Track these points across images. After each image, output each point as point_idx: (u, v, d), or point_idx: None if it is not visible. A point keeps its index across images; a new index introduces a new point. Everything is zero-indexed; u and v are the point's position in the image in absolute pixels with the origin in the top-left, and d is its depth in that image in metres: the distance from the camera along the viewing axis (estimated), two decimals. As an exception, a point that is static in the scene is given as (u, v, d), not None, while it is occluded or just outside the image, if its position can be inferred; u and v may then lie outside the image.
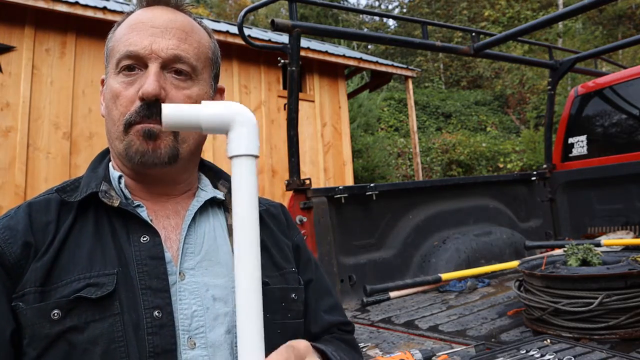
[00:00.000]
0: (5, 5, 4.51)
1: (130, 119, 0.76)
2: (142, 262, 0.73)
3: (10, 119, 4.59)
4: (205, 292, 0.76)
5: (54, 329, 0.66)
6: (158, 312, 0.70)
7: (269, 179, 6.34)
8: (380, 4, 27.57)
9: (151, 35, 0.78)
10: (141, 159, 0.77)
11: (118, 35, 0.81)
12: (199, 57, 0.82)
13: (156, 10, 0.82)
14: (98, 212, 0.77)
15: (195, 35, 0.83)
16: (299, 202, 2.52)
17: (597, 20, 18.70)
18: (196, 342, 0.72)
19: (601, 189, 3.54)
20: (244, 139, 0.59)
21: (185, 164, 0.84)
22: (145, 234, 0.75)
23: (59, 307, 0.67)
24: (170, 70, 0.79)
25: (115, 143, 0.80)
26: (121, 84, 0.78)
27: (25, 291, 0.68)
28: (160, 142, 0.77)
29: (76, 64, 5.03)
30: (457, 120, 17.04)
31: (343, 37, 3.97)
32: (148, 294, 0.71)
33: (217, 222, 0.86)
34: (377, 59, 8.01)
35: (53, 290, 0.69)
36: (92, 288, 0.69)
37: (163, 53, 0.77)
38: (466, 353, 1.62)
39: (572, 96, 3.93)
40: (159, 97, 0.76)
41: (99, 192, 0.76)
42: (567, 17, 3.51)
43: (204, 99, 0.82)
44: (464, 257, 2.99)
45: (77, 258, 0.72)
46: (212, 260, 0.80)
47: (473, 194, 3.45)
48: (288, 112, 2.63)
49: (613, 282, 1.68)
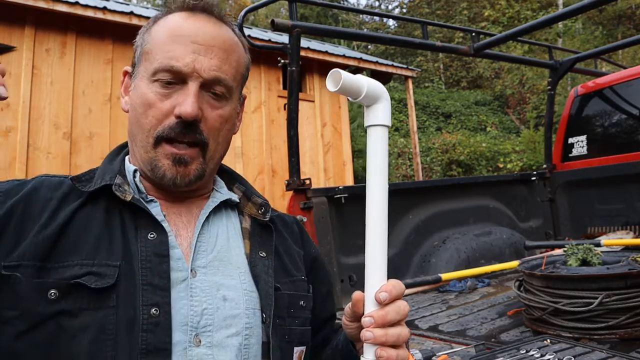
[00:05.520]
0: (5, 5, 4.51)
1: (163, 134, 0.77)
2: (147, 258, 0.73)
3: (10, 119, 4.59)
4: (216, 292, 0.76)
5: (48, 309, 0.66)
6: (155, 310, 0.69)
7: (269, 179, 6.34)
8: (380, 4, 27.58)
9: (194, 52, 0.77)
10: (168, 182, 0.79)
11: (157, 38, 0.80)
12: (236, 77, 0.83)
13: (199, 20, 0.80)
14: (109, 203, 0.77)
15: (235, 54, 0.83)
16: (299, 202, 2.52)
17: (597, 20, 18.70)
18: (202, 340, 0.72)
19: (601, 189, 3.54)
20: (387, 111, 0.73)
21: (208, 177, 0.85)
22: (153, 231, 0.75)
23: (56, 287, 0.67)
24: (208, 90, 0.79)
25: (140, 151, 0.80)
26: (156, 94, 0.77)
27: (24, 263, 0.68)
28: (190, 167, 0.78)
29: (76, 64, 5.03)
30: (457, 120, 17.03)
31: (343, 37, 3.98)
32: (148, 291, 0.70)
33: (231, 224, 0.86)
34: (377, 59, 8.01)
35: (53, 269, 0.68)
36: (93, 277, 0.68)
37: (205, 74, 0.77)
38: (466, 353, 1.62)
39: (572, 96, 3.93)
40: (197, 118, 0.76)
41: (112, 185, 0.76)
42: (567, 17, 3.51)
43: (232, 116, 0.85)
44: (464, 257, 2.99)
45: (82, 242, 0.72)
46: (223, 261, 0.80)
47: (473, 194, 3.45)
48: (288, 112, 2.63)
49: (613, 282, 1.68)
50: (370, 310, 0.68)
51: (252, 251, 0.84)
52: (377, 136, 0.72)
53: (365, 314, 0.69)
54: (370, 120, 0.73)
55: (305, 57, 6.43)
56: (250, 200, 0.90)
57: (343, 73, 0.68)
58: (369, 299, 0.69)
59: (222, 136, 0.83)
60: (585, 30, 17.88)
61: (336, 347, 0.86)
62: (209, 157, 0.81)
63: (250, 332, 0.76)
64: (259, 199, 0.90)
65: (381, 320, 0.67)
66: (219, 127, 0.81)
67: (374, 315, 0.67)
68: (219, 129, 0.81)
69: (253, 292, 0.79)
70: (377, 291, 0.68)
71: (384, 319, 0.67)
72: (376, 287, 0.69)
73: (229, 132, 0.85)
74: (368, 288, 0.69)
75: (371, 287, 0.69)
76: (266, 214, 0.88)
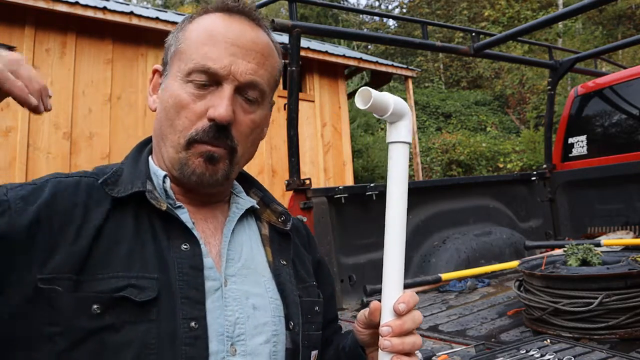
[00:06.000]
0: (5, 5, 4.51)
1: (196, 137, 0.75)
2: (183, 270, 0.71)
3: (10, 119, 4.60)
4: (245, 300, 0.76)
5: (91, 324, 0.64)
6: (195, 323, 0.69)
7: (269, 179, 6.34)
8: (380, 4, 27.58)
9: (232, 54, 0.76)
10: (197, 180, 0.77)
11: (192, 38, 0.78)
12: (269, 83, 0.82)
13: (236, 22, 0.79)
14: (138, 209, 0.74)
15: (271, 59, 0.82)
16: (299, 202, 2.52)
17: (597, 20, 18.69)
18: (237, 349, 0.72)
19: (601, 189, 3.54)
20: (409, 129, 0.76)
21: (232, 182, 0.86)
22: (186, 242, 0.74)
23: (99, 301, 0.65)
24: (242, 94, 0.78)
25: (170, 151, 0.78)
26: (190, 95, 0.76)
27: (61, 276, 0.65)
28: (219, 166, 0.77)
29: (76, 64, 5.03)
30: (457, 120, 17.03)
31: (343, 37, 3.98)
32: (186, 304, 0.69)
33: (251, 231, 0.86)
34: (377, 59, 8.01)
35: (87, 282, 0.66)
36: (134, 290, 0.67)
37: (241, 77, 0.76)
38: (466, 353, 1.61)
39: (572, 96, 3.93)
40: (230, 122, 0.75)
41: (146, 192, 0.74)
42: (567, 17, 3.51)
43: (263, 121, 0.84)
44: (464, 257, 2.99)
45: (115, 254, 0.69)
46: (250, 269, 0.80)
47: (473, 194, 3.45)
48: (288, 112, 2.63)
49: (613, 282, 1.68)
50: (387, 320, 0.71)
51: (274, 259, 0.84)
52: (399, 153, 0.75)
53: (383, 323, 0.71)
54: (392, 137, 0.75)
55: (305, 57, 6.42)
56: (269, 208, 0.90)
57: (373, 92, 0.70)
58: (387, 308, 0.72)
59: (251, 141, 0.82)
60: (585, 30, 17.88)
61: (342, 350, 0.87)
62: (235, 161, 0.80)
63: (277, 339, 0.78)
64: (279, 207, 0.90)
65: (399, 329, 0.70)
66: (250, 132, 0.80)
67: (392, 325, 0.70)
68: (249, 134, 0.80)
69: (277, 300, 0.80)
70: (395, 302, 0.71)
71: (402, 328, 0.70)
72: (393, 297, 0.72)
73: (258, 137, 0.84)
74: (385, 298, 0.73)
75: (389, 298, 0.72)
76: (287, 223, 0.88)
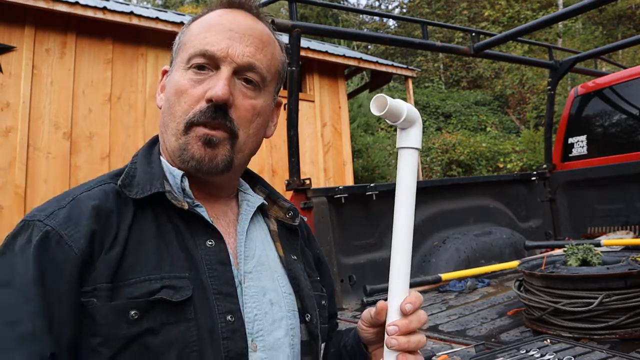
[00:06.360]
0: (5, 5, 4.51)
1: (194, 119, 0.75)
2: (212, 267, 0.73)
3: (10, 119, 4.59)
4: (262, 297, 0.77)
5: (131, 330, 0.65)
6: (231, 317, 0.70)
7: (269, 179, 6.34)
8: (380, 4, 27.57)
9: (229, 38, 0.77)
10: (196, 165, 0.76)
11: (194, 31, 0.80)
12: (270, 69, 0.82)
13: (237, 14, 0.81)
14: (156, 209, 0.74)
15: (270, 46, 0.83)
16: (299, 202, 2.52)
17: (597, 20, 18.69)
18: (257, 345, 0.73)
19: (601, 189, 3.54)
20: (419, 135, 0.78)
21: (237, 172, 0.85)
22: (210, 238, 0.75)
23: (136, 307, 0.65)
24: (241, 77, 0.78)
25: (171, 139, 0.78)
26: (189, 81, 0.77)
27: (97, 286, 0.65)
28: (218, 150, 0.76)
29: (76, 64, 5.03)
30: (457, 120, 17.03)
31: (343, 37, 3.98)
32: (220, 299, 0.71)
33: (261, 228, 0.87)
34: (377, 59, 8.01)
35: (121, 289, 0.66)
36: (170, 290, 0.67)
37: (238, 59, 0.77)
38: (466, 353, 1.62)
39: (572, 96, 3.93)
40: (227, 102, 0.75)
41: (165, 193, 0.74)
42: (567, 17, 3.51)
43: (265, 110, 0.83)
44: (464, 257, 2.99)
45: (144, 257, 0.69)
46: (264, 265, 0.81)
47: (473, 194, 3.45)
48: (288, 112, 2.63)
49: (613, 282, 1.68)
50: (393, 319, 0.74)
51: (285, 254, 0.85)
52: (409, 158, 0.76)
53: (389, 322, 0.73)
54: (402, 142, 0.77)
55: (305, 57, 6.42)
56: (276, 204, 0.91)
57: (388, 99, 0.71)
58: (393, 308, 0.74)
59: (253, 129, 0.80)
60: (585, 30, 17.87)
61: (343, 347, 0.88)
62: (237, 148, 0.78)
63: (293, 332, 0.79)
64: (286, 204, 0.90)
65: (405, 328, 0.72)
66: (251, 118, 0.79)
67: (399, 324, 0.72)
68: (250, 120, 0.79)
69: (291, 295, 0.82)
70: (402, 302, 0.74)
71: (408, 327, 0.72)
72: (399, 297, 0.74)
73: (261, 127, 0.83)
74: (392, 298, 0.75)
75: (395, 298, 0.75)
76: (295, 218, 0.89)
